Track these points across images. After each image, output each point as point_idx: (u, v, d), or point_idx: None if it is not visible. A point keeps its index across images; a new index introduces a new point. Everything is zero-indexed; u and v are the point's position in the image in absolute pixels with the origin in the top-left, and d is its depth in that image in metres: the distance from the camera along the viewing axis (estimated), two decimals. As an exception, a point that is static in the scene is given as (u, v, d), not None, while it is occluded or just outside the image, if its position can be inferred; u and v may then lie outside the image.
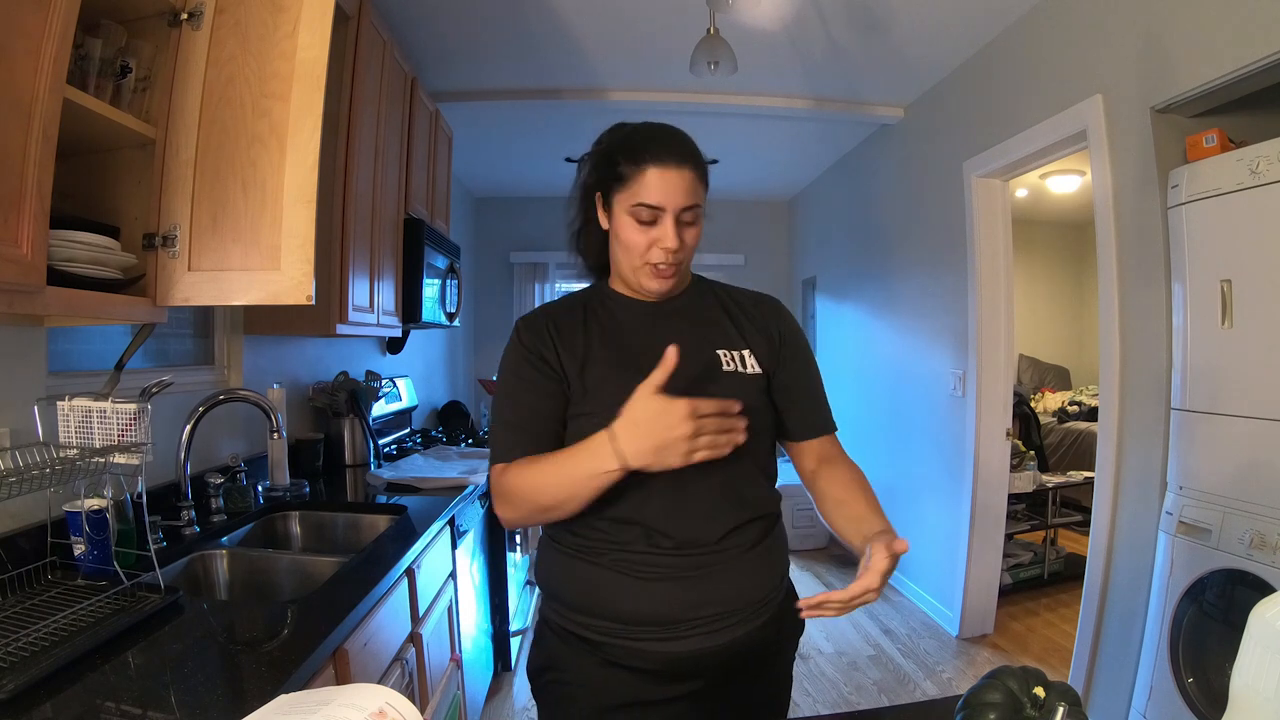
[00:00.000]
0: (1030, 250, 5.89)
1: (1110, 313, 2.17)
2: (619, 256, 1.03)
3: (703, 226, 1.02)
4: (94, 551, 1.19)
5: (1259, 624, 0.67)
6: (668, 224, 0.96)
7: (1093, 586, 2.26)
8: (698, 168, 0.98)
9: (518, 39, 2.75)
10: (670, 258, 0.98)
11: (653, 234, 0.97)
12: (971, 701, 0.68)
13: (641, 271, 1.00)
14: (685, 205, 0.96)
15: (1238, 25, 1.68)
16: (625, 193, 0.97)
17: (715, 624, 0.97)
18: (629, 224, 0.98)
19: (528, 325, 1.06)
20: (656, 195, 0.95)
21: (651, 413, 0.84)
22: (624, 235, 0.99)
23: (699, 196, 0.98)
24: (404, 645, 1.48)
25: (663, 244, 0.97)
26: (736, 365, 1.04)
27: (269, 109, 1.27)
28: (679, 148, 0.97)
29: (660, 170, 0.95)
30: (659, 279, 1.00)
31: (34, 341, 1.30)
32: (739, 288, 1.16)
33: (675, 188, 0.95)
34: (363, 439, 2.52)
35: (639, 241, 0.98)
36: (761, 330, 1.09)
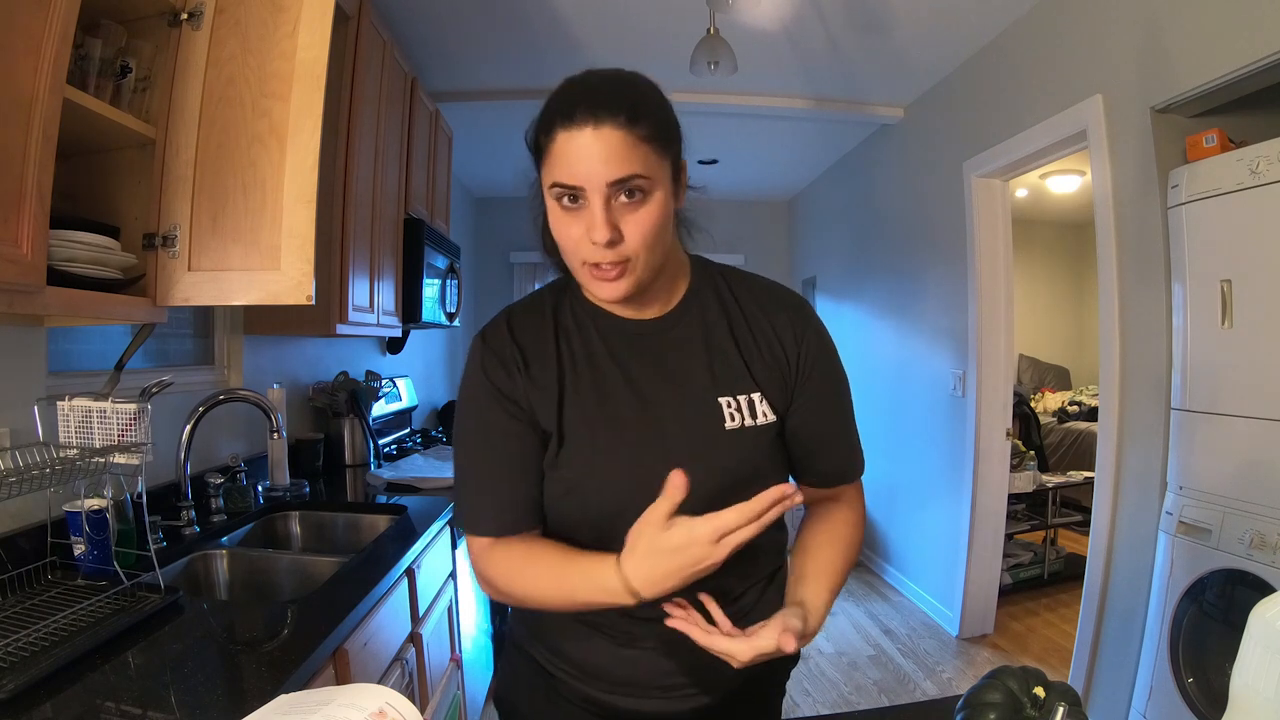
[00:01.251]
0: (1030, 250, 5.89)
1: (1110, 313, 2.17)
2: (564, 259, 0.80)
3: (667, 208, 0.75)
4: (94, 551, 1.19)
5: (1259, 624, 0.67)
6: (593, 206, 0.71)
7: (1093, 586, 2.26)
8: (634, 119, 0.70)
9: (518, 39, 2.75)
10: (607, 254, 0.72)
11: (581, 219, 0.73)
12: (971, 701, 0.68)
13: (584, 274, 0.77)
14: (614, 178, 0.70)
15: (1238, 25, 1.68)
16: (545, 172, 0.75)
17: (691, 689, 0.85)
18: (556, 212, 0.75)
19: (491, 354, 0.83)
20: (568, 169, 0.71)
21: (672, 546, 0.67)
22: (555, 227, 0.76)
23: (637, 163, 0.70)
24: (404, 645, 1.48)
25: (591, 235, 0.72)
26: (744, 417, 0.82)
27: (269, 109, 1.27)
28: (596, 96, 0.70)
29: (569, 132, 0.70)
30: (603, 282, 0.75)
31: (34, 341, 1.30)
32: (752, 283, 0.90)
33: (592, 154, 0.69)
34: (363, 439, 2.52)
35: (569, 235, 0.74)
36: (774, 356, 0.85)
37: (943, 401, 3.23)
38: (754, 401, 0.83)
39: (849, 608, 3.48)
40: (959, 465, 3.07)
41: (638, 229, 0.73)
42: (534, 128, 0.77)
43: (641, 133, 0.71)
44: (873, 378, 4.00)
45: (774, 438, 0.84)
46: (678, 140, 0.78)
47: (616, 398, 0.82)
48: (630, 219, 0.73)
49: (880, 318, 3.95)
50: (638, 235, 0.73)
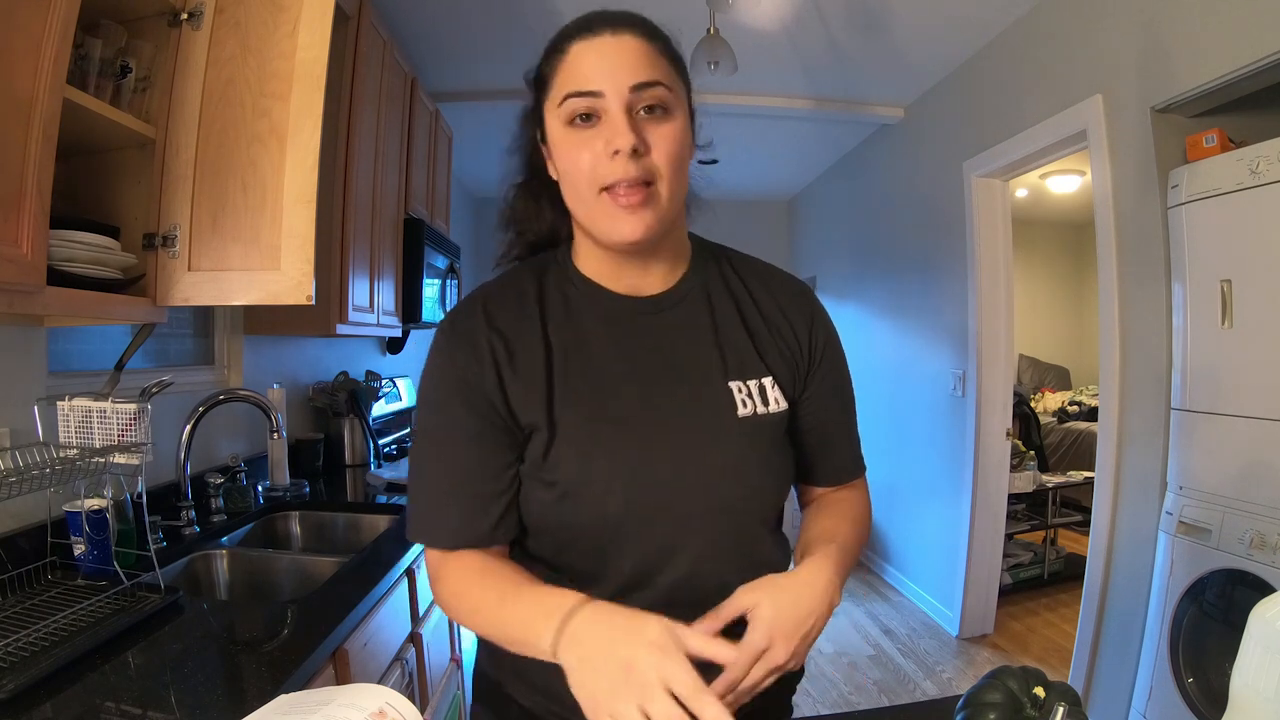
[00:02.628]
0: (1030, 250, 5.89)
1: (1110, 313, 2.17)
2: (570, 199, 0.70)
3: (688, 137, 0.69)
4: (94, 551, 1.19)
5: (1259, 624, 0.67)
6: (613, 114, 0.64)
7: (1093, 586, 2.26)
8: (653, 35, 0.68)
9: (518, 39, 2.74)
10: (630, 168, 0.64)
11: (600, 138, 0.65)
12: (971, 701, 0.68)
13: (598, 208, 0.67)
14: (637, 81, 0.64)
15: (1238, 25, 1.68)
16: (552, 95, 0.68)
17: None
18: (565, 136, 0.67)
19: (462, 342, 0.72)
20: (587, 76, 0.65)
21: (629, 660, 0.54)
22: (562, 156, 0.68)
23: (660, 72, 0.66)
24: (404, 645, 1.48)
25: (611, 144, 0.64)
26: (755, 404, 0.74)
27: (269, 109, 1.27)
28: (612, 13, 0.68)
29: (586, 41, 0.66)
30: (625, 211, 0.66)
31: (34, 341, 1.30)
32: (755, 264, 0.84)
33: (613, 57, 0.65)
34: (363, 439, 2.52)
35: (582, 157, 0.66)
36: (785, 341, 0.79)
37: (943, 401, 3.23)
38: (765, 387, 0.75)
39: (849, 608, 3.48)
40: (959, 465, 3.07)
41: (664, 144, 0.65)
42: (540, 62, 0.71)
43: (660, 47, 0.68)
44: (873, 378, 4.00)
45: (784, 427, 0.77)
46: (688, 81, 0.73)
47: (614, 387, 0.72)
48: (655, 132, 0.65)
49: (880, 317, 3.95)
50: (664, 151, 0.65)
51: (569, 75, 0.66)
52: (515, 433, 0.71)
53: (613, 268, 0.75)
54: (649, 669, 0.53)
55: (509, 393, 0.71)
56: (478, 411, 0.71)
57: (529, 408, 0.71)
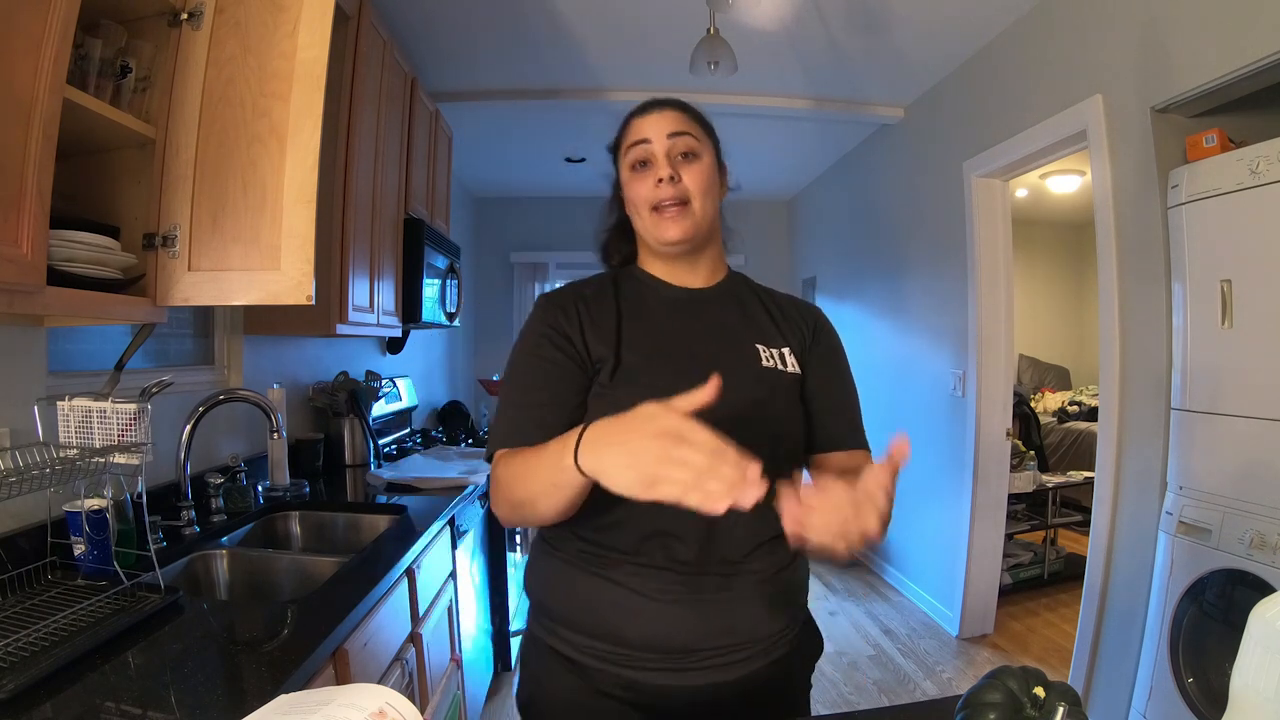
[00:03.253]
0: (1030, 250, 5.89)
1: (1110, 313, 2.17)
2: (633, 217, 0.99)
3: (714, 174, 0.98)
4: (94, 551, 1.19)
5: (1259, 624, 0.67)
6: (657, 154, 0.94)
7: (1093, 586, 2.26)
8: (684, 109, 0.98)
9: (518, 39, 2.75)
10: (669, 190, 0.93)
11: (650, 175, 0.95)
12: (971, 701, 0.68)
13: (651, 220, 0.95)
14: (671, 131, 0.94)
15: (1238, 25, 1.68)
16: (622, 150, 0.99)
17: (727, 656, 0.88)
18: (630, 179, 0.97)
19: (552, 301, 0.98)
20: (640, 131, 0.96)
21: (638, 413, 0.65)
22: (629, 190, 0.98)
23: (688, 125, 0.96)
24: (404, 645, 1.48)
25: (656, 174, 0.94)
26: (776, 362, 0.96)
27: (269, 109, 1.27)
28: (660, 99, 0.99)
29: (642, 116, 0.97)
30: (666, 222, 0.94)
31: (34, 341, 1.30)
32: (779, 291, 1.10)
33: (658, 121, 0.95)
34: (363, 439, 2.52)
35: (640, 189, 0.95)
36: (797, 329, 1.02)
37: (943, 401, 3.23)
38: (784, 354, 0.98)
39: (849, 607, 3.48)
40: (959, 465, 3.07)
41: (693, 176, 0.94)
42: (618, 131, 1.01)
43: (691, 116, 0.98)
44: (873, 378, 4.00)
45: (798, 390, 0.97)
46: (717, 142, 1.02)
47: (666, 342, 0.96)
48: (687, 170, 0.94)
49: (880, 318, 3.95)
50: (693, 181, 0.94)
51: (630, 135, 0.98)
52: (586, 365, 0.92)
53: (668, 268, 1.02)
54: (669, 428, 0.62)
55: (587, 336, 0.93)
56: (558, 347, 0.92)
57: (601, 346, 0.93)
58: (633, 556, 0.88)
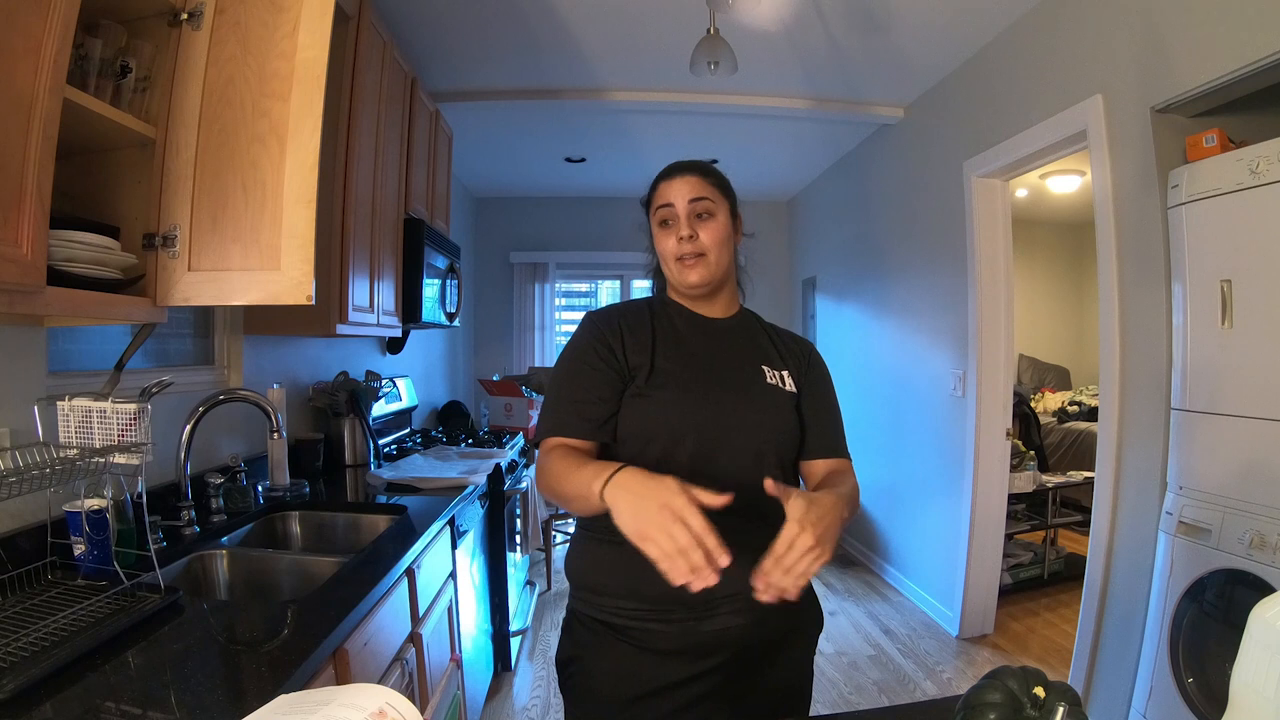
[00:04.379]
0: (1030, 250, 5.89)
1: (1110, 313, 2.17)
2: (663, 266, 1.19)
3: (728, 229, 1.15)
4: (94, 551, 1.19)
5: (1259, 624, 0.67)
6: (679, 215, 1.12)
7: (1093, 586, 2.26)
8: (705, 174, 1.15)
9: (518, 39, 2.75)
10: (688, 246, 1.12)
11: (673, 232, 1.13)
12: (971, 702, 0.68)
13: (675, 270, 1.15)
14: (692, 196, 1.12)
15: (1238, 25, 1.68)
16: (652, 209, 1.17)
17: (741, 602, 1.00)
18: (658, 233, 1.16)
19: (599, 318, 1.17)
20: (665, 195, 1.14)
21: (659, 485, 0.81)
22: (657, 244, 1.17)
23: (707, 191, 1.13)
24: (404, 645, 1.48)
25: (677, 232, 1.12)
26: (778, 381, 1.16)
27: (269, 109, 1.27)
28: (683, 163, 1.16)
29: (668, 181, 1.15)
30: (686, 270, 1.13)
31: (34, 341, 1.30)
32: (781, 328, 1.29)
33: (680, 186, 1.14)
34: (363, 439, 2.52)
35: (666, 243, 1.14)
36: (795, 359, 1.22)
37: (943, 401, 3.23)
38: (784, 375, 1.17)
39: (849, 607, 3.48)
40: (959, 465, 3.08)
41: (709, 234, 1.13)
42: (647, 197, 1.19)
43: (710, 180, 1.15)
44: (873, 378, 4.01)
45: (795, 407, 1.15)
46: (733, 198, 1.19)
47: (691, 358, 1.14)
48: (703, 228, 1.13)
49: (880, 318, 3.95)
50: (709, 237, 1.13)
51: (658, 198, 1.16)
52: (624, 373, 1.10)
53: (691, 301, 1.20)
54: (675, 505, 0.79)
55: (627, 348, 1.12)
56: (602, 357, 1.11)
57: (638, 356, 1.12)
58: None
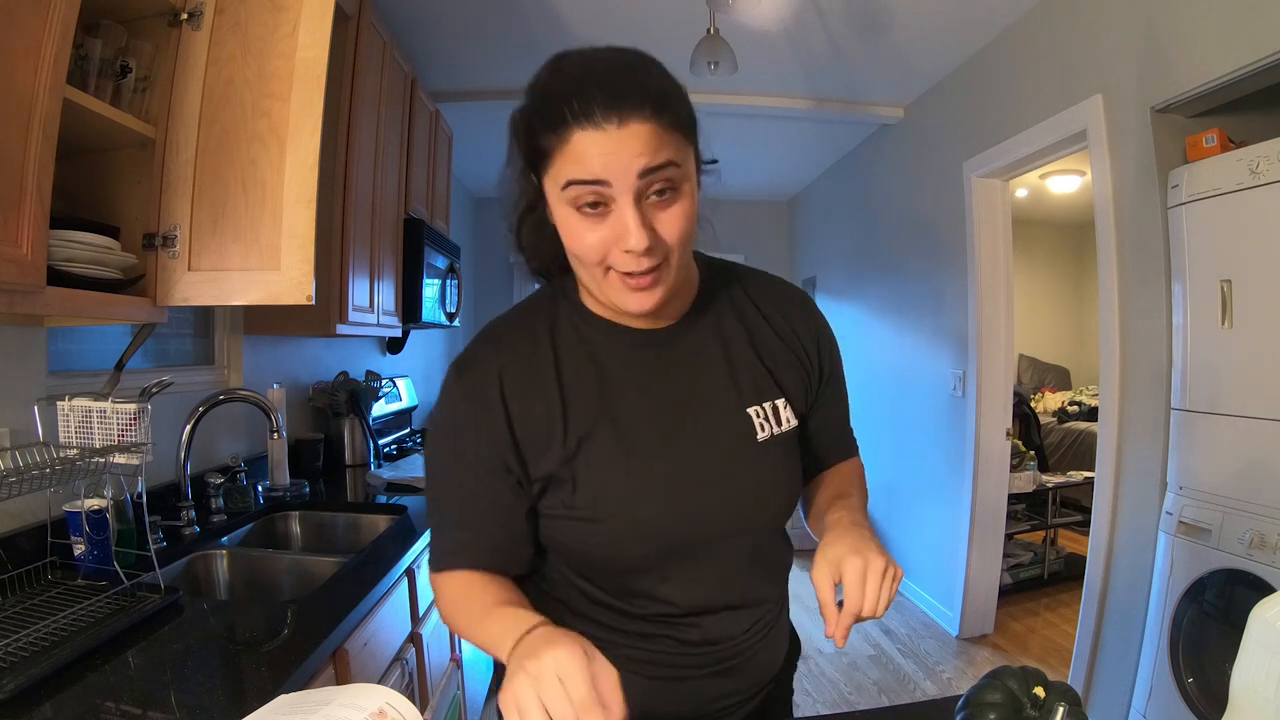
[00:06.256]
0: (1030, 250, 5.89)
1: (1110, 312, 2.17)
2: (575, 266, 0.71)
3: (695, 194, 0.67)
4: (94, 551, 1.19)
5: (1259, 624, 0.67)
6: (622, 209, 0.63)
7: (1093, 586, 2.26)
8: (660, 109, 0.62)
9: (518, 39, 2.75)
10: (643, 261, 0.64)
11: (608, 226, 0.64)
12: (971, 701, 0.68)
13: (609, 287, 0.68)
14: (645, 167, 0.61)
15: (1238, 25, 1.68)
16: (552, 173, 0.65)
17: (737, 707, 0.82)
18: (569, 217, 0.65)
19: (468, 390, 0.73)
20: (592, 166, 0.61)
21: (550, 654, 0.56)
22: (567, 235, 0.67)
23: (670, 150, 0.63)
24: (404, 645, 1.48)
25: (623, 243, 0.63)
26: (771, 426, 0.78)
27: (269, 109, 1.27)
28: (614, 87, 0.61)
29: (588, 132, 0.61)
30: (638, 293, 0.67)
31: (34, 341, 1.30)
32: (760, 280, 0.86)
33: (620, 150, 0.61)
34: (363, 439, 2.52)
35: (589, 242, 0.65)
36: (797, 356, 0.82)
37: (943, 401, 3.23)
38: (778, 408, 0.79)
39: (849, 608, 3.48)
40: (959, 465, 3.07)
41: (673, 227, 0.65)
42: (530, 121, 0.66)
43: (669, 121, 0.63)
44: (873, 378, 4.00)
45: (797, 439, 0.83)
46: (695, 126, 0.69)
47: (636, 425, 0.74)
48: (663, 217, 0.65)
49: (880, 318, 3.95)
50: (674, 234, 0.65)
51: (571, 161, 0.62)
52: (525, 486, 0.74)
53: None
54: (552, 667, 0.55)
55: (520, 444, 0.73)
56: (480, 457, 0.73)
57: (545, 458, 0.73)
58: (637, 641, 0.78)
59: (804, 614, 3.31)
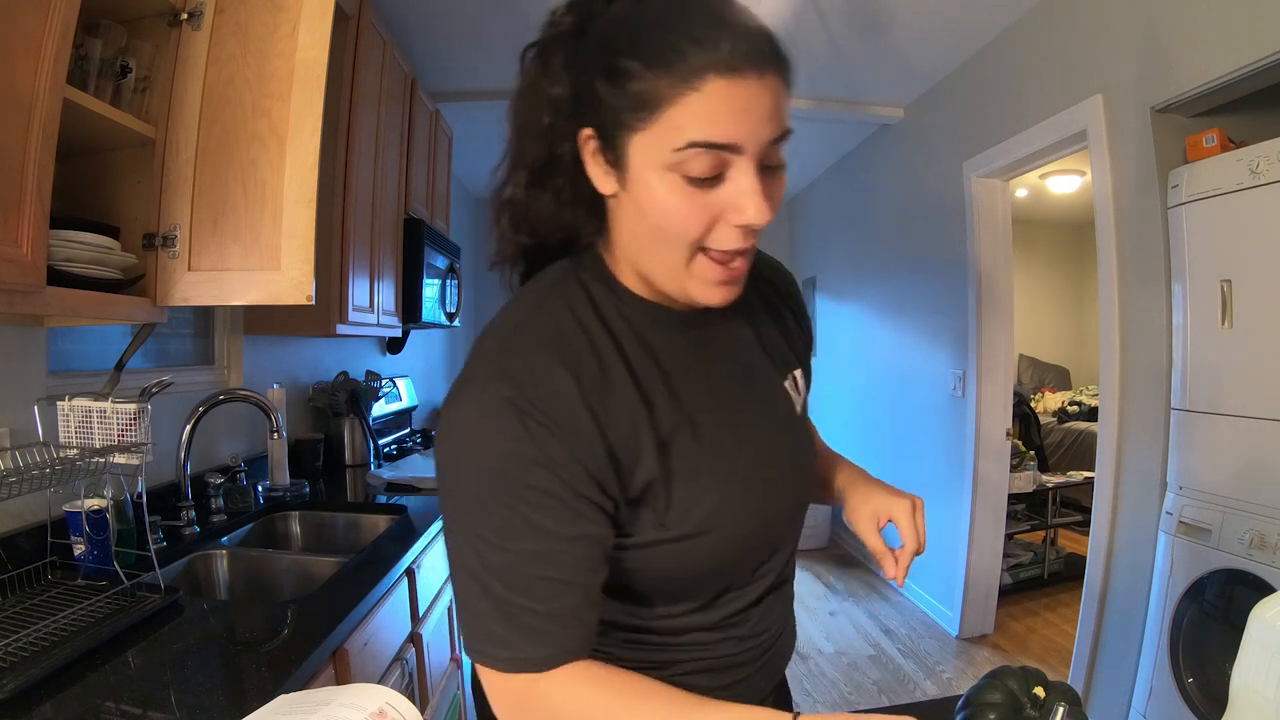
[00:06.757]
0: (1030, 250, 5.88)
1: (1110, 312, 2.17)
2: (649, 246, 0.59)
3: None
4: (94, 551, 1.19)
5: (1259, 624, 0.67)
6: (749, 175, 0.53)
7: (1093, 586, 2.26)
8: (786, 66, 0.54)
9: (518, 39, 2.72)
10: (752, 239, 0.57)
11: (719, 198, 0.54)
12: (971, 701, 0.68)
13: (692, 268, 0.57)
14: (775, 135, 0.54)
15: (1237, 25, 1.68)
16: (657, 130, 0.53)
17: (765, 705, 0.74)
18: (671, 185, 0.54)
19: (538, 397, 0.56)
20: (726, 126, 0.51)
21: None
22: (661, 207, 0.55)
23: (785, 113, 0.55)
24: (404, 645, 1.48)
25: (742, 215, 0.54)
26: (797, 395, 0.75)
27: (269, 109, 1.27)
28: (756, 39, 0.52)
29: (728, 81, 0.51)
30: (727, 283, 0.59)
31: (34, 341, 1.30)
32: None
33: (759, 106, 0.52)
34: (363, 439, 2.52)
35: (692, 217, 0.54)
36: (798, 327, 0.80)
37: (943, 401, 3.23)
38: (797, 378, 0.76)
39: (849, 607, 3.48)
40: (959, 465, 3.07)
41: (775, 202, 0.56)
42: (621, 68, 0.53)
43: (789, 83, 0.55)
44: (873, 378, 4.00)
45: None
46: None
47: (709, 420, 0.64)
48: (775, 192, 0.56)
49: (880, 318, 3.95)
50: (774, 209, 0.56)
51: (702, 117, 0.51)
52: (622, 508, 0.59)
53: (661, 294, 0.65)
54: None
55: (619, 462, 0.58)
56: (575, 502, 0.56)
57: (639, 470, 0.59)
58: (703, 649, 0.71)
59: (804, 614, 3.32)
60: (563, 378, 0.57)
